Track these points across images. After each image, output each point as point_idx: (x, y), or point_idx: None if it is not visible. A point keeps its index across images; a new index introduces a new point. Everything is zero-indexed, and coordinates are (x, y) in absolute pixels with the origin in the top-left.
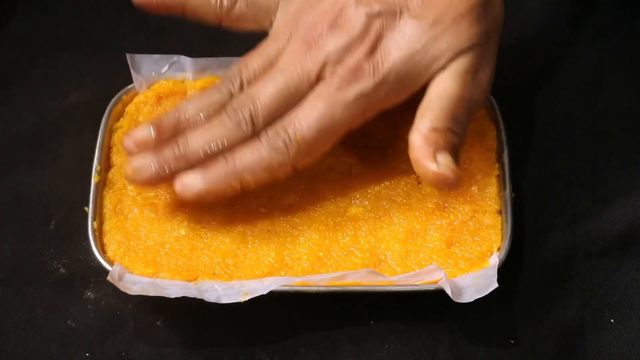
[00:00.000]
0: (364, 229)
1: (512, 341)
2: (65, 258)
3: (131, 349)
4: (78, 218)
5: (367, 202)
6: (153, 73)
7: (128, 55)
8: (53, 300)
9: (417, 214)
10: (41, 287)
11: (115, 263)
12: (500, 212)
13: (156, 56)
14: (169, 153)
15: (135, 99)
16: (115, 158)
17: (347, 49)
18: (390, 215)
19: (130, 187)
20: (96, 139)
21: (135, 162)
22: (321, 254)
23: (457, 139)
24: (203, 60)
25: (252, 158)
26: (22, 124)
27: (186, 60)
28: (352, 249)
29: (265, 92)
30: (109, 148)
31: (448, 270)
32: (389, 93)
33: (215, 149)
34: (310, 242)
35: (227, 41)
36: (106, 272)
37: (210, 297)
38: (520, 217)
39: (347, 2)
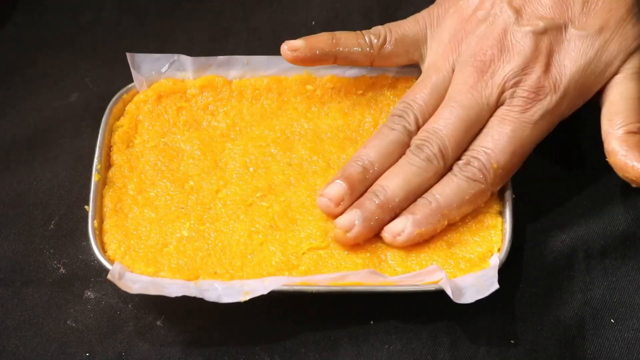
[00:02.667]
0: None
1: (512, 341)
2: (65, 258)
3: (131, 349)
4: (78, 217)
5: None
6: (153, 72)
7: (128, 55)
8: (53, 300)
9: None
10: (41, 287)
11: (115, 262)
12: (500, 213)
13: (156, 55)
14: (370, 204)
15: (136, 98)
16: (116, 157)
17: (523, 70)
18: None
19: (130, 186)
20: (96, 138)
21: (341, 221)
22: (322, 252)
23: None
24: (203, 60)
25: (453, 193)
26: (22, 124)
27: (186, 60)
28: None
29: (447, 123)
30: (109, 147)
31: (449, 270)
32: (570, 105)
33: (413, 189)
34: (312, 239)
35: (227, 41)
36: (106, 271)
37: (210, 297)
38: (520, 217)
39: (507, 22)
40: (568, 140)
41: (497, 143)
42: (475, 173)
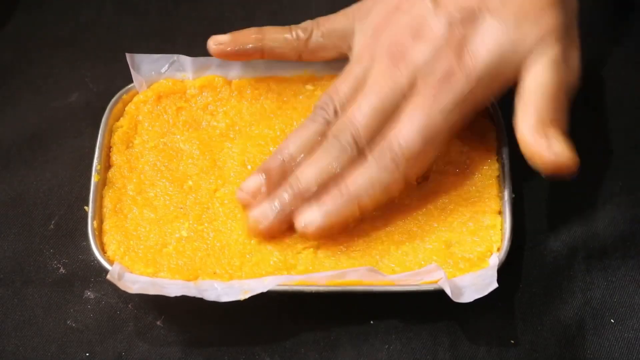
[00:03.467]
0: (362, 229)
1: (512, 341)
2: (65, 258)
3: (131, 349)
4: (78, 217)
5: None
6: (153, 72)
7: (128, 55)
8: (53, 300)
9: (416, 214)
10: (41, 287)
11: (115, 262)
12: (500, 212)
13: (156, 56)
14: (284, 195)
15: (135, 99)
16: (115, 157)
17: (436, 57)
18: (389, 216)
19: (130, 187)
20: (96, 138)
21: (254, 212)
22: (319, 252)
23: (564, 126)
24: (203, 60)
25: (364, 181)
26: (22, 124)
27: (186, 60)
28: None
29: (362, 112)
30: (109, 147)
31: (448, 270)
32: (484, 93)
33: (327, 178)
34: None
35: None
36: (106, 271)
37: (209, 296)
38: (520, 217)
39: (425, 12)
40: None
41: (409, 132)
42: (387, 162)
